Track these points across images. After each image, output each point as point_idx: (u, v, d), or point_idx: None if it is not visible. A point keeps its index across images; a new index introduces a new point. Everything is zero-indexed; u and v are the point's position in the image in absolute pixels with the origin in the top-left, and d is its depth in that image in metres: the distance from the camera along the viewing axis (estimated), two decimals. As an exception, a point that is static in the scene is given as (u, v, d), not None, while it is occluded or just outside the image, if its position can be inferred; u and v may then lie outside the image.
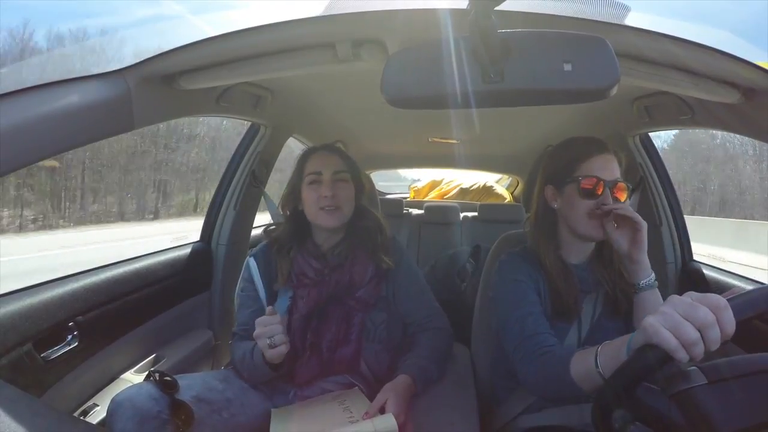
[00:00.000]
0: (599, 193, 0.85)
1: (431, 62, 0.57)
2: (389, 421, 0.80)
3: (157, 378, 0.86)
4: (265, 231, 1.15)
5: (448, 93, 0.58)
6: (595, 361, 0.63)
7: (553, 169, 0.94)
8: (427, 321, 1.07)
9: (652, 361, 0.50)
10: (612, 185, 0.85)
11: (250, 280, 1.06)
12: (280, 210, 1.14)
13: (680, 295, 0.53)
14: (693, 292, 0.52)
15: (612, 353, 0.62)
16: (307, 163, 1.06)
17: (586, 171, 0.86)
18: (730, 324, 0.48)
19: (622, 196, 0.87)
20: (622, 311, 0.89)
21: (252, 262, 1.07)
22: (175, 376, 0.89)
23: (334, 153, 1.07)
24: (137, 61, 0.78)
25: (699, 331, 0.48)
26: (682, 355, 0.48)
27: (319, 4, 0.73)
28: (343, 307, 1.01)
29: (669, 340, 0.48)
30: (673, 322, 0.49)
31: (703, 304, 0.49)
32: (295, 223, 1.08)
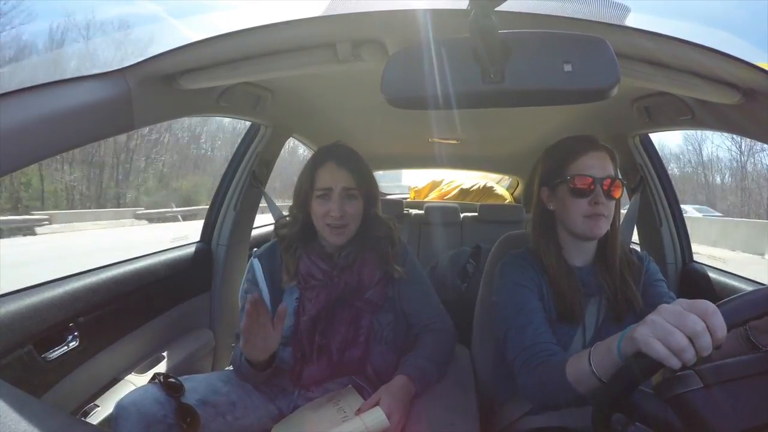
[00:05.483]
0: (591, 190, 0.85)
1: (431, 62, 0.57)
2: (377, 413, 0.81)
3: (162, 380, 0.85)
4: (275, 228, 1.12)
5: (448, 93, 0.58)
6: (589, 361, 0.64)
7: (545, 171, 0.94)
8: (431, 322, 1.07)
9: (644, 369, 0.51)
10: (603, 182, 0.85)
11: (254, 281, 1.04)
12: (288, 212, 1.11)
13: (680, 295, 0.53)
14: (683, 300, 0.53)
15: (603, 352, 0.62)
16: (317, 175, 1.00)
17: (577, 170, 0.86)
18: (721, 330, 0.48)
19: (617, 193, 0.87)
20: (623, 316, 0.88)
21: (256, 263, 1.05)
22: (179, 378, 0.89)
23: (344, 166, 1.00)
24: (138, 60, 0.78)
25: (690, 338, 0.49)
26: (673, 363, 0.49)
27: (319, 5, 0.73)
28: (351, 308, 1.00)
29: (659, 350, 0.49)
30: (662, 331, 0.50)
31: (692, 311, 0.50)
32: (303, 224, 1.05)
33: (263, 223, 1.97)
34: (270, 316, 0.85)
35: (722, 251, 10.10)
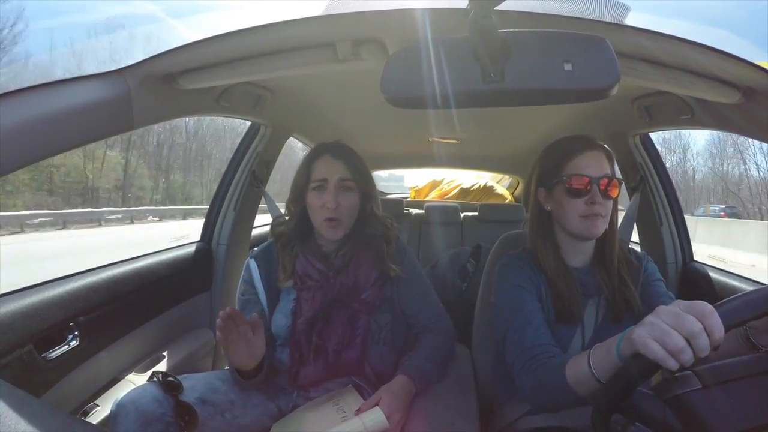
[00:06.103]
0: (587, 190, 0.84)
1: (431, 62, 0.57)
2: (377, 414, 0.81)
3: (161, 379, 0.85)
4: (271, 227, 1.12)
5: (448, 93, 0.58)
6: (588, 363, 0.64)
7: (542, 172, 0.94)
8: (431, 322, 1.07)
9: (642, 370, 0.51)
10: (600, 181, 0.84)
11: (250, 282, 1.04)
12: (284, 209, 1.11)
13: (681, 294, 0.54)
14: (681, 301, 0.53)
15: (603, 354, 0.62)
16: (313, 167, 1.01)
17: (572, 170, 0.86)
18: (718, 330, 0.49)
19: (614, 192, 0.86)
20: (622, 316, 0.88)
21: (252, 263, 1.05)
22: (178, 377, 0.89)
23: (340, 159, 1.01)
24: (137, 60, 0.78)
25: (687, 339, 0.49)
26: (671, 364, 0.49)
27: (319, 4, 0.72)
28: (348, 309, 1.00)
29: (656, 351, 0.49)
30: (659, 332, 0.50)
31: (690, 312, 0.50)
32: (299, 221, 1.05)
33: (263, 223, 1.97)
34: (248, 323, 0.85)
35: None
